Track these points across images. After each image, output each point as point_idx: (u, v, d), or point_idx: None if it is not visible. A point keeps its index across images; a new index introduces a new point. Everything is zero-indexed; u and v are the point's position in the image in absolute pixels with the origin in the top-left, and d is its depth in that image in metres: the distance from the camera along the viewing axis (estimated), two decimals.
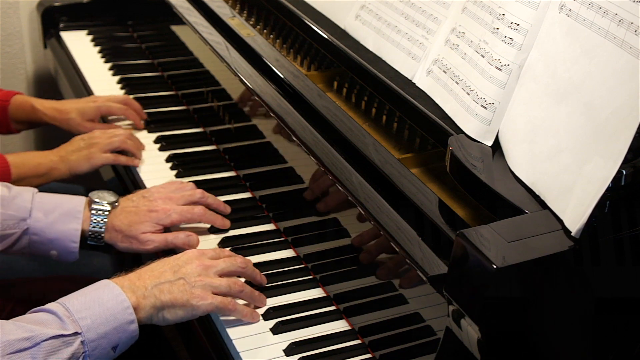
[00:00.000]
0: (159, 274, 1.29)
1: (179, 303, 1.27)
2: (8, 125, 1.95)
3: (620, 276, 1.10)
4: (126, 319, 1.21)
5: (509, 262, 0.99)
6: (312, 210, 1.49)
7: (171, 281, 1.28)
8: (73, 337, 1.16)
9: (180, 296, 1.27)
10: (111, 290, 1.23)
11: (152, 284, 1.27)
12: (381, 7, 1.55)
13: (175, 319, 1.28)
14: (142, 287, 1.26)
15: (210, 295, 1.29)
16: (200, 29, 1.84)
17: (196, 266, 1.31)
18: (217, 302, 1.29)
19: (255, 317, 1.34)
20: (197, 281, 1.29)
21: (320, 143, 1.41)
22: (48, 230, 1.46)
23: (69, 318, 1.17)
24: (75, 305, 1.19)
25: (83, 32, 2.40)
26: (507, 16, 1.26)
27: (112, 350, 1.21)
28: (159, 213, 1.51)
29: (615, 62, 1.09)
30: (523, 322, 1.05)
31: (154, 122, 1.95)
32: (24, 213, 1.45)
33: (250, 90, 1.59)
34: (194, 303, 1.27)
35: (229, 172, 1.75)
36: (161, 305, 1.26)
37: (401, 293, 1.26)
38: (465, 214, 1.24)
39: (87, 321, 1.18)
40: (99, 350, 1.19)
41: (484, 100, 1.26)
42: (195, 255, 1.35)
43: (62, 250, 1.47)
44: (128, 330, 1.22)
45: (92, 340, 1.18)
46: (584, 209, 1.03)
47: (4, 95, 1.93)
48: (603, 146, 1.06)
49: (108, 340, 1.20)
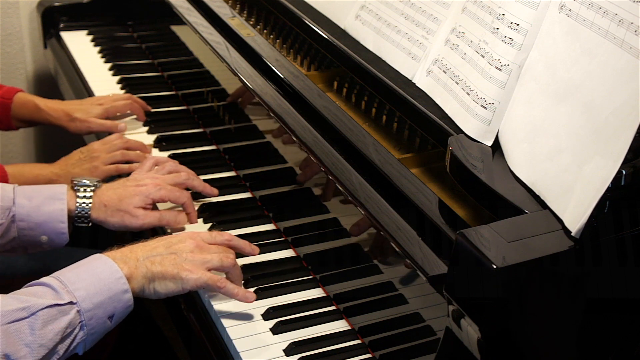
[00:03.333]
0: (152, 248, 1.31)
1: (169, 275, 1.28)
2: (9, 122, 1.95)
3: (620, 276, 1.10)
4: (120, 288, 1.23)
5: (509, 262, 0.99)
6: (312, 210, 1.49)
7: (163, 255, 1.30)
8: (69, 307, 1.18)
9: (171, 269, 1.29)
10: (104, 262, 1.25)
11: (143, 255, 1.29)
12: (381, 7, 1.55)
13: (166, 292, 1.30)
14: (133, 258, 1.28)
15: (200, 270, 1.30)
16: (200, 29, 1.84)
17: (189, 244, 1.33)
18: (206, 278, 1.30)
19: (249, 298, 1.34)
20: (188, 256, 1.31)
21: (320, 143, 1.41)
22: (34, 214, 1.45)
23: (64, 289, 1.19)
24: (69, 277, 1.21)
25: (83, 32, 2.40)
26: (507, 16, 1.26)
27: (109, 319, 1.23)
28: (148, 187, 1.52)
29: (615, 62, 1.09)
30: (523, 322, 1.05)
31: (154, 122, 1.95)
32: (7, 202, 1.44)
33: (250, 90, 1.59)
34: (183, 276, 1.29)
35: (229, 172, 1.75)
36: (152, 276, 1.28)
37: (401, 293, 1.26)
38: (465, 214, 1.24)
39: (82, 292, 1.20)
40: (96, 319, 1.20)
41: (483, 100, 1.26)
42: (189, 234, 1.37)
43: (51, 233, 1.46)
44: (123, 299, 1.24)
45: (87, 310, 1.19)
46: (584, 209, 1.03)
47: (6, 92, 1.93)
48: (603, 146, 1.06)
49: (104, 309, 1.21)
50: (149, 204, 1.52)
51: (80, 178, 1.54)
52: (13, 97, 1.92)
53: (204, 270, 1.31)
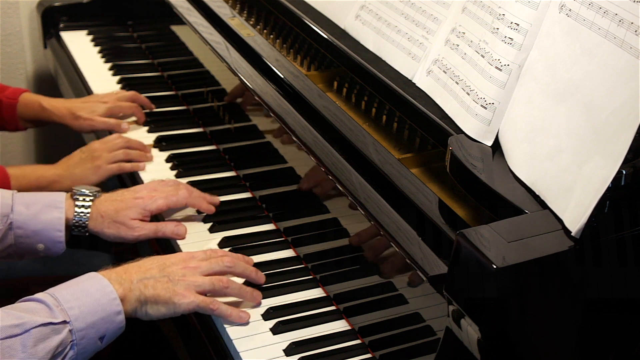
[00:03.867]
0: (145, 270, 1.31)
1: (161, 300, 1.29)
2: (16, 123, 1.96)
3: (620, 276, 1.10)
4: (113, 309, 1.23)
5: (509, 262, 0.99)
6: (312, 210, 1.49)
7: (156, 278, 1.30)
8: (61, 326, 1.17)
9: (164, 293, 1.29)
10: (99, 282, 1.25)
11: (137, 278, 1.29)
12: (381, 7, 1.55)
13: (158, 315, 1.30)
14: (128, 280, 1.28)
15: (192, 294, 1.30)
16: (200, 29, 1.84)
17: (181, 268, 1.33)
18: (198, 301, 1.30)
19: (243, 318, 1.34)
20: (180, 280, 1.31)
21: (320, 143, 1.41)
22: (31, 222, 1.45)
23: (58, 307, 1.19)
24: (64, 295, 1.21)
25: (83, 32, 2.40)
26: (507, 16, 1.26)
27: (100, 340, 1.23)
28: (144, 199, 1.52)
29: (615, 62, 1.09)
30: (523, 322, 1.05)
31: (154, 122, 1.95)
32: (5, 209, 1.44)
33: (250, 90, 1.59)
34: (175, 301, 1.29)
35: (229, 172, 1.75)
36: (145, 299, 1.28)
37: (401, 293, 1.26)
38: (465, 214, 1.24)
39: (76, 311, 1.19)
40: (87, 339, 1.20)
41: (483, 100, 1.26)
42: (182, 257, 1.36)
43: (48, 241, 1.46)
44: (115, 321, 1.24)
45: (80, 330, 1.19)
46: (584, 209, 1.03)
47: (12, 93, 1.93)
48: (603, 146, 1.06)
49: (96, 330, 1.21)
50: (147, 216, 1.52)
51: (80, 187, 1.54)
52: (19, 98, 1.93)
53: (197, 294, 1.31)
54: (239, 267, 1.38)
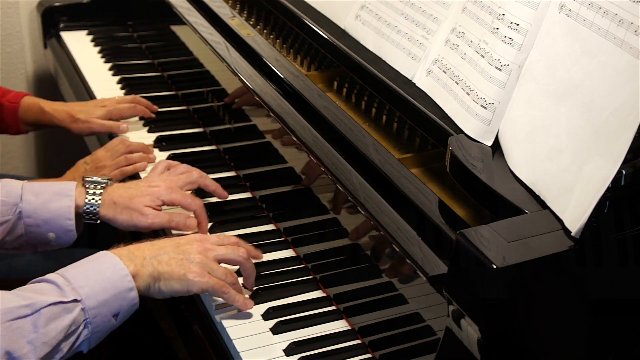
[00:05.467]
0: (159, 247, 1.31)
1: (175, 275, 1.28)
2: (18, 126, 1.97)
3: (620, 276, 1.10)
4: (125, 286, 1.23)
5: (509, 262, 0.99)
6: (312, 210, 1.49)
7: (170, 254, 1.30)
8: (73, 304, 1.17)
9: (178, 269, 1.28)
10: (109, 259, 1.25)
11: (150, 254, 1.29)
12: (381, 7, 1.55)
13: (171, 292, 1.29)
14: (140, 256, 1.28)
15: (207, 274, 1.30)
16: (200, 29, 1.84)
17: (197, 247, 1.33)
18: (213, 282, 1.30)
19: (247, 306, 1.35)
20: (196, 258, 1.31)
21: (320, 143, 1.41)
22: (41, 210, 1.43)
23: (68, 286, 1.18)
24: (74, 274, 1.20)
25: (83, 32, 2.40)
26: (507, 16, 1.26)
27: (114, 318, 1.22)
28: (160, 188, 1.51)
29: (615, 62, 1.09)
30: (523, 322, 1.05)
31: (154, 122, 1.95)
32: (15, 198, 1.43)
33: (250, 90, 1.59)
34: (190, 278, 1.29)
35: (229, 172, 1.75)
36: (158, 275, 1.27)
37: (401, 293, 1.26)
38: (465, 214, 1.24)
39: (86, 289, 1.19)
40: (100, 317, 1.20)
41: (483, 100, 1.26)
42: (197, 237, 1.37)
43: (58, 229, 1.45)
44: (128, 297, 1.23)
45: (92, 308, 1.19)
46: (584, 209, 1.03)
47: (14, 97, 1.95)
48: (603, 146, 1.06)
49: (108, 307, 1.21)
50: (159, 205, 1.50)
51: (91, 175, 1.53)
52: (20, 101, 1.94)
53: (210, 275, 1.31)
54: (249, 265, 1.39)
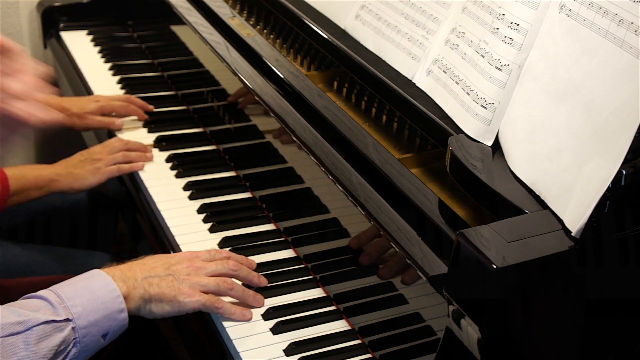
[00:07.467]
0: (150, 268, 1.31)
1: (166, 298, 1.29)
2: None
3: (620, 276, 1.10)
4: (116, 307, 1.23)
5: (509, 262, 0.99)
6: (312, 210, 1.49)
7: (161, 276, 1.30)
8: (64, 323, 1.17)
9: (168, 291, 1.29)
10: (102, 279, 1.25)
11: (142, 276, 1.29)
12: (381, 7, 1.55)
13: (162, 314, 1.30)
14: (132, 277, 1.28)
15: (197, 293, 1.30)
16: (200, 29, 1.84)
17: (186, 267, 1.33)
18: (203, 300, 1.30)
19: (246, 316, 1.35)
20: (185, 279, 1.31)
21: (320, 143, 1.41)
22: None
23: (61, 305, 1.18)
24: (67, 293, 1.20)
25: (83, 32, 2.40)
26: (507, 16, 1.26)
27: (102, 338, 1.22)
28: None
29: (615, 62, 1.09)
30: (523, 322, 1.05)
31: (154, 122, 1.95)
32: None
33: (250, 90, 1.59)
34: (180, 299, 1.29)
35: (229, 172, 1.75)
36: (149, 297, 1.28)
37: (401, 293, 1.26)
38: (465, 214, 1.24)
39: (79, 308, 1.19)
40: (89, 337, 1.20)
41: (484, 100, 1.26)
42: (187, 256, 1.36)
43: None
44: (118, 318, 1.23)
45: (82, 327, 1.19)
46: (584, 209, 1.03)
47: None
48: (603, 146, 1.06)
49: (98, 327, 1.21)
50: None
51: None
52: None
53: (202, 293, 1.31)
54: (242, 272, 1.39)
